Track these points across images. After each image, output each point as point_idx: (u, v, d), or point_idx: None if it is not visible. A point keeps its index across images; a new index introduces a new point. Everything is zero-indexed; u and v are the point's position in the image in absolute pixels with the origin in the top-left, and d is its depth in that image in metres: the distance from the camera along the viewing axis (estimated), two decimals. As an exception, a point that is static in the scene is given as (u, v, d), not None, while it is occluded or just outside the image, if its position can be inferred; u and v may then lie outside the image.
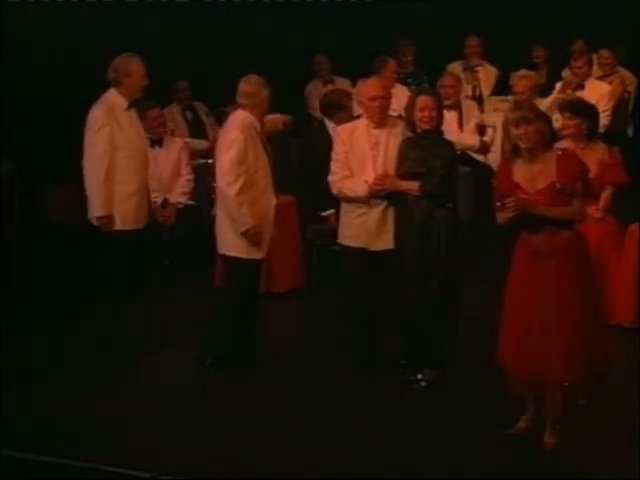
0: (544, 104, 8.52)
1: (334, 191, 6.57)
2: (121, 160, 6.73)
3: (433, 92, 6.57)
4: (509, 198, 5.28)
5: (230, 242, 6.59)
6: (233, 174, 6.42)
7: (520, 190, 5.32)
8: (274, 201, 6.69)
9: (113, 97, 6.78)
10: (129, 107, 6.79)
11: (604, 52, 9.51)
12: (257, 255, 6.62)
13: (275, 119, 7.45)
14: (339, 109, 8.23)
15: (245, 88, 6.58)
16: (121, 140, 6.73)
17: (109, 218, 6.72)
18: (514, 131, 5.34)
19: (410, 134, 6.36)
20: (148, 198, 7.02)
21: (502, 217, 5.33)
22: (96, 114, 6.72)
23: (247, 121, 6.52)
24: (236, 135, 6.46)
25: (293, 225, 8.43)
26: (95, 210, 6.72)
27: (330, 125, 8.15)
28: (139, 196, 6.83)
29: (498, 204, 5.35)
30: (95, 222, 6.74)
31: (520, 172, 5.37)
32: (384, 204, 6.37)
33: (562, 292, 5.27)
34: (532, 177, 5.34)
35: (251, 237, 6.50)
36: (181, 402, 6.22)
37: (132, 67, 6.77)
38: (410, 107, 6.37)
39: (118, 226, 6.76)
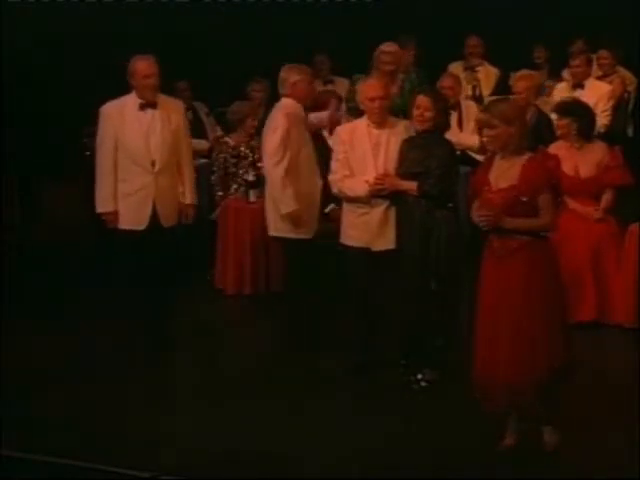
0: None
1: (334, 190, 6.58)
2: (121, 160, 6.79)
3: (431, 92, 6.46)
4: (476, 203, 5.28)
5: (275, 223, 6.89)
6: (279, 155, 6.72)
7: (487, 187, 5.29)
8: (320, 183, 6.89)
9: (129, 97, 6.88)
10: (142, 107, 6.82)
11: (603, 52, 9.51)
12: (305, 235, 6.84)
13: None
14: (323, 110, 8.27)
15: (284, 76, 6.89)
16: (123, 140, 6.78)
17: (112, 215, 6.82)
18: (481, 132, 5.33)
19: (413, 133, 6.36)
20: (152, 201, 6.82)
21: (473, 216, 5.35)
22: (103, 110, 6.87)
23: (291, 107, 6.81)
24: (280, 120, 6.78)
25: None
26: (97, 206, 6.88)
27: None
28: (137, 197, 6.81)
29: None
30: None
31: (494, 169, 5.33)
32: (386, 204, 6.36)
33: (511, 294, 5.22)
34: (499, 175, 5.28)
35: (292, 220, 6.76)
36: (181, 402, 6.22)
37: (135, 67, 6.82)
38: (410, 106, 6.37)
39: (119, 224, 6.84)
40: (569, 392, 5.43)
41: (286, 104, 6.89)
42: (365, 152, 6.40)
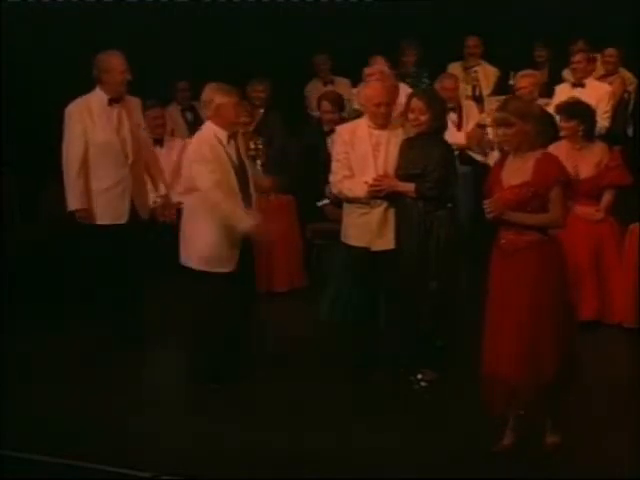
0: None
1: (335, 191, 6.58)
2: (93, 156, 6.84)
3: (424, 95, 6.39)
4: (487, 200, 5.27)
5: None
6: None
7: (499, 185, 5.30)
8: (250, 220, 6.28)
9: (95, 94, 6.92)
10: (110, 103, 6.86)
11: (610, 50, 9.51)
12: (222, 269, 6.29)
13: None
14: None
15: (209, 96, 6.33)
16: (94, 137, 6.84)
17: (86, 211, 6.86)
18: (497, 130, 5.34)
19: (412, 134, 6.35)
20: (130, 194, 6.92)
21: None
22: (69, 110, 6.90)
23: (207, 132, 6.33)
24: (206, 154, 6.24)
25: (293, 225, 8.43)
26: (69, 203, 6.89)
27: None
28: (114, 192, 6.88)
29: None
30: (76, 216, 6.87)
31: (507, 167, 5.34)
32: (385, 204, 6.35)
33: (518, 293, 5.21)
34: (512, 173, 5.28)
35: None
36: (181, 402, 6.22)
37: (111, 63, 6.88)
38: (407, 108, 6.36)
39: (95, 221, 6.90)
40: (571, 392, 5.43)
41: (208, 132, 6.29)
42: (366, 152, 6.38)
